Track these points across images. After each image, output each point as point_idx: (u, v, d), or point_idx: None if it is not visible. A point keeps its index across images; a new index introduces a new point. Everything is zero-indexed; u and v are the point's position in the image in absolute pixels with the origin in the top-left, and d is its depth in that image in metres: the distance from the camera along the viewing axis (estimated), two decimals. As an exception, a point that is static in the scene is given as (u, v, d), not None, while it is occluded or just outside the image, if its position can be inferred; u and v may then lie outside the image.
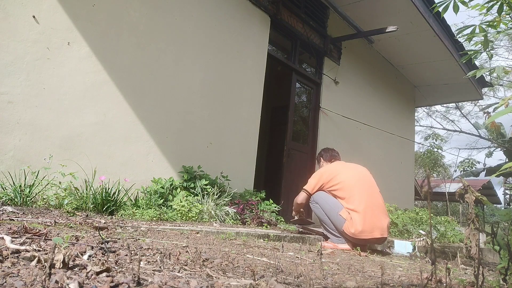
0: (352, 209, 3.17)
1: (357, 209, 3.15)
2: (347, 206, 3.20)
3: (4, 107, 2.85)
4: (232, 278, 1.20)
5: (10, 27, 2.91)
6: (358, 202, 3.18)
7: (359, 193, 3.23)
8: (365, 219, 3.12)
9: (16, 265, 1.06)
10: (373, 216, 3.17)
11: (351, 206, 3.19)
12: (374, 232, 3.14)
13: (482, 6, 2.47)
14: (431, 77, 8.74)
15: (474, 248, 1.22)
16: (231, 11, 4.77)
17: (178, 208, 3.28)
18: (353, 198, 3.21)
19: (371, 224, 3.15)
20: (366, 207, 3.17)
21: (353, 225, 3.12)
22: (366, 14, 6.32)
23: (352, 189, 3.24)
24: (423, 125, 21.76)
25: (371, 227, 3.14)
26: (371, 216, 3.16)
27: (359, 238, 3.11)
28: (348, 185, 3.27)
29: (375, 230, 3.14)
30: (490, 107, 2.55)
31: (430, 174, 4.83)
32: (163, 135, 3.94)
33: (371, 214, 3.18)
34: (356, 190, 3.24)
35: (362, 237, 3.10)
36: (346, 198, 3.23)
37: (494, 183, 18.68)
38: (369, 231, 3.12)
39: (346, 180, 3.30)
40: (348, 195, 3.23)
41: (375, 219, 3.18)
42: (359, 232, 3.10)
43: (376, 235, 3.13)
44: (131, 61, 3.69)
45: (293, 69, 5.90)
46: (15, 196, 2.56)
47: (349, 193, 3.23)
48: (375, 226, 3.16)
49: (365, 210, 3.16)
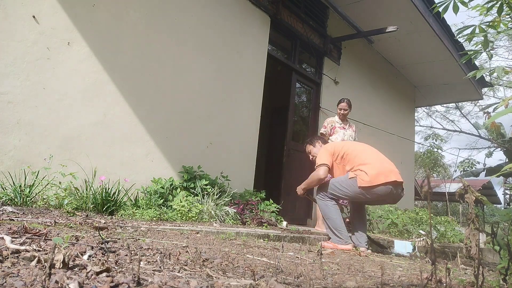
0: (360, 163, 3.16)
1: (365, 162, 3.17)
2: (355, 167, 3.19)
3: (4, 107, 2.85)
4: (232, 278, 1.20)
5: (10, 27, 2.91)
6: (365, 157, 3.21)
7: (366, 154, 3.27)
8: (376, 165, 3.14)
9: (16, 265, 1.06)
10: (383, 163, 3.20)
11: (358, 162, 3.18)
12: (391, 175, 3.10)
13: (482, 7, 2.47)
14: (431, 77, 8.74)
15: (474, 248, 1.22)
16: (231, 11, 4.77)
17: (178, 208, 3.28)
18: (360, 157, 3.22)
19: (384, 169, 3.14)
20: (375, 159, 3.21)
21: (366, 174, 3.08)
22: (366, 14, 6.32)
23: (358, 153, 3.27)
24: (423, 125, 21.77)
25: (385, 171, 3.12)
26: (381, 163, 3.19)
27: (379, 183, 3.05)
28: (353, 151, 3.30)
29: (390, 173, 3.12)
30: (490, 107, 2.55)
31: (430, 174, 4.82)
32: (163, 135, 3.94)
33: (381, 162, 3.20)
34: (362, 153, 3.27)
35: (381, 181, 3.05)
36: (352, 162, 3.22)
37: (494, 183, 18.70)
38: (385, 174, 3.10)
39: (350, 148, 3.35)
40: (354, 158, 3.24)
41: (387, 165, 3.20)
42: (375, 176, 3.06)
43: (393, 178, 3.09)
44: (131, 61, 3.69)
45: (293, 69, 5.90)
46: (15, 196, 2.56)
47: (355, 156, 3.24)
48: (389, 170, 3.15)
49: (374, 160, 3.19)
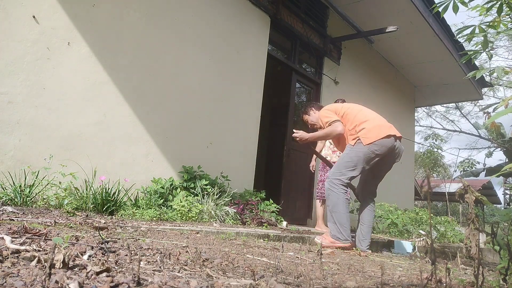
0: (361, 121, 3.18)
1: (365, 119, 3.20)
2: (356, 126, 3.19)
3: (4, 107, 2.85)
4: (232, 278, 1.20)
5: (10, 27, 2.91)
6: (364, 116, 3.24)
7: (363, 112, 3.30)
8: (376, 121, 3.19)
9: (16, 265, 1.06)
10: (381, 119, 3.25)
11: (359, 120, 3.20)
12: (391, 129, 3.15)
13: (482, 7, 2.47)
14: (431, 77, 8.74)
15: (474, 248, 1.22)
16: (231, 11, 4.77)
17: (178, 208, 3.29)
18: (359, 116, 3.24)
19: (384, 123, 3.20)
20: (373, 116, 3.26)
21: (368, 130, 3.11)
22: (366, 14, 6.32)
23: (356, 113, 3.29)
24: (423, 125, 21.76)
25: (386, 124, 3.18)
26: (379, 119, 3.24)
27: (383, 136, 3.06)
28: (352, 110, 3.31)
29: (390, 128, 3.17)
30: (490, 107, 2.55)
31: (430, 174, 4.80)
32: (163, 135, 3.94)
33: (379, 118, 3.25)
34: (360, 112, 3.30)
35: (385, 133, 3.07)
36: (352, 121, 3.23)
37: (494, 183, 18.70)
38: (386, 127, 3.15)
39: (349, 108, 3.37)
40: (354, 117, 3.25)
41: (385, 120, 3.26)
42: (378, 129, 3.10)
43: (394, 132, 3.14)
44: (131, 61, 3.69)
45: (293, 69, 5.90)
46: (15, 196, 2.56)
47: (355, 116, 3.26)
48: (388, 125, 3.20)
49: (373, 117, 3.24)
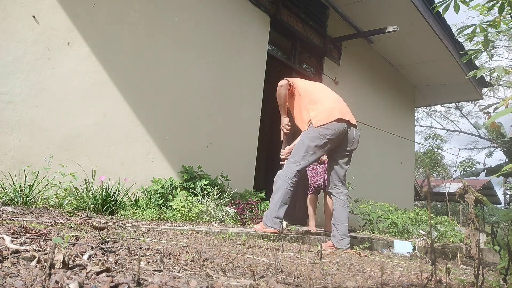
0: (314, 100, 3.13)
1: (319, 100, 3.14)
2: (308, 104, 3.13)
3: (4, 107, 2.85)
4: (232, 278, 1.20)
5: (10, 27, 2.91)
6: (319, 96, 3.18)
7: (320, 92, 3.24)
8: (329, 103, 3.12)
9: (16, 265, 1.06)
10: (336, 103, 3.16)
11: (313, 99, 3.14)
12: (346, 115, 3.08)
13: (483, 6, 2.47)
14: (431, 77, 8.74)
15: (474, 248, 1.22)
16: (231, 11, 4.77)
17: (178, 208, 3.28)
18: (313, 95, 3.18)
19: (338, 106, 3.11)
20: (329, 98, 3.18)
21: (320, 111, 3.05)
22: (366, 14, 6.31)
23: (314, 90, 3.23)
24: (423, 125, 21.74)
25: (339, 108, 3.10)
26: (334, 102, 3.15)
27: (334, 119, 3.00)
28: (314, 88, 3.27)
29: (345, 114, 3.09)
30: (490, 107, 2.55)
31: (430, 174, 4.80)
32: (163, 135, 3.94)
33: (334, 101, 3.16)
34: (317, 91, 3.24)
35: (336, 117, 3.01)
36: (305, 97, 3.18)
37: (494, 183, 18.68)
38: (339, 110, 3.07)
39: (313, 85, 3.33)
40: (308, 94, 3.19)
41: (341, 104, 3.17)
42: (329, 111, 3.03)
43: (347, 118, 3.07)
44: (131, 61, 3.69)
45: (293, 69, 5.89)
46: (15, 196, 2.56)
47: (314, 93, 3.21)
48: (344, 110, 3.11)
49: (328, 99, 3.16)
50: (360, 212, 5.47)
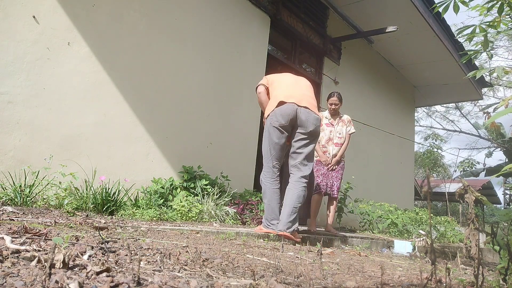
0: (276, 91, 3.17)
1: (275, 91, 3.18)
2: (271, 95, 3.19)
3: (4, 107, 2.86)
4: (232, 278, 1.20)
5: (10, 27, 2.91)
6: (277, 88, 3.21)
7: (286, 84, 3.25)
8: (289, 89, 3.14)
9: (16, 265, 1.06)
10: (296, 90, 3.16)
11: (276, 89, 3.19)
12: (303, 102, 3.08)
13: (483, 7, 2.47)
14: (431, 77, 8.74)
15: (474, 248, 1.22)
16: (231, 11, 4.77)
17: (178, 208, 3.29)
18: (275, 87, 3.22)
19: (295, 94, 3.11)
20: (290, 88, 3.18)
21: (269, 102, 3.14)
22: (366, 14, 6.31)
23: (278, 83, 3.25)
24: (423, 125, 21.73)
25: (295, 94, 3.10)
26: (294, 90, 3.16)
27: (277, 104, 3.04)
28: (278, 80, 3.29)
29: (303, 101, 3.09)
30: (490, 107, 2.55)
31: (430, 174, 4.81)
32: (163, 135, 3.94)
33: (294, 89, 3.17)
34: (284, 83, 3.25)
35: (291, 101, 3.03)
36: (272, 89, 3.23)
37: (494, 183, 18.67)
38: (298, 97, 3.08)
39: (280, 77, 3.34)
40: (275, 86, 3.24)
41: (301, 92, 3.17)
42: (275, 98, 3.09)
43: (306, 105, 3.07)
44: (131, 61, 3.69)
45: (293, 69, 5.89)
46: (15, 196, 2.56)
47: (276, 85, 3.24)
48: (303, 99, 3.11)
49: (288, 89, 3.17)
50: (360, 212, 5.46)
